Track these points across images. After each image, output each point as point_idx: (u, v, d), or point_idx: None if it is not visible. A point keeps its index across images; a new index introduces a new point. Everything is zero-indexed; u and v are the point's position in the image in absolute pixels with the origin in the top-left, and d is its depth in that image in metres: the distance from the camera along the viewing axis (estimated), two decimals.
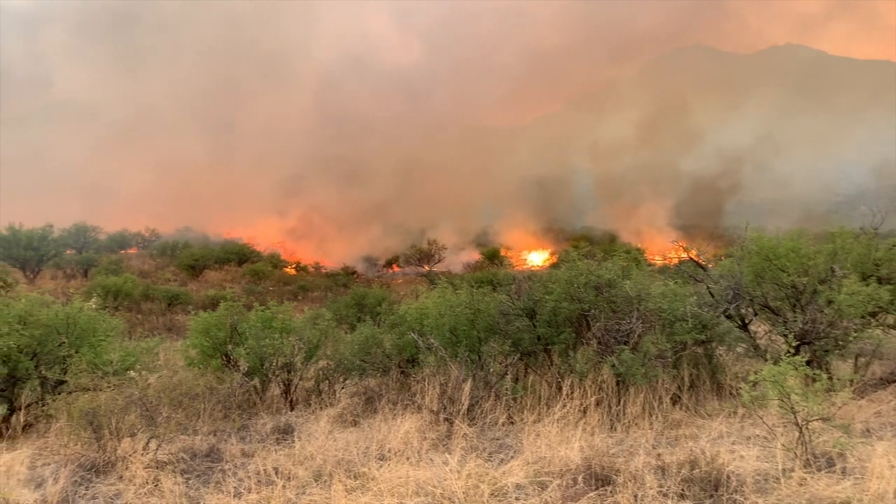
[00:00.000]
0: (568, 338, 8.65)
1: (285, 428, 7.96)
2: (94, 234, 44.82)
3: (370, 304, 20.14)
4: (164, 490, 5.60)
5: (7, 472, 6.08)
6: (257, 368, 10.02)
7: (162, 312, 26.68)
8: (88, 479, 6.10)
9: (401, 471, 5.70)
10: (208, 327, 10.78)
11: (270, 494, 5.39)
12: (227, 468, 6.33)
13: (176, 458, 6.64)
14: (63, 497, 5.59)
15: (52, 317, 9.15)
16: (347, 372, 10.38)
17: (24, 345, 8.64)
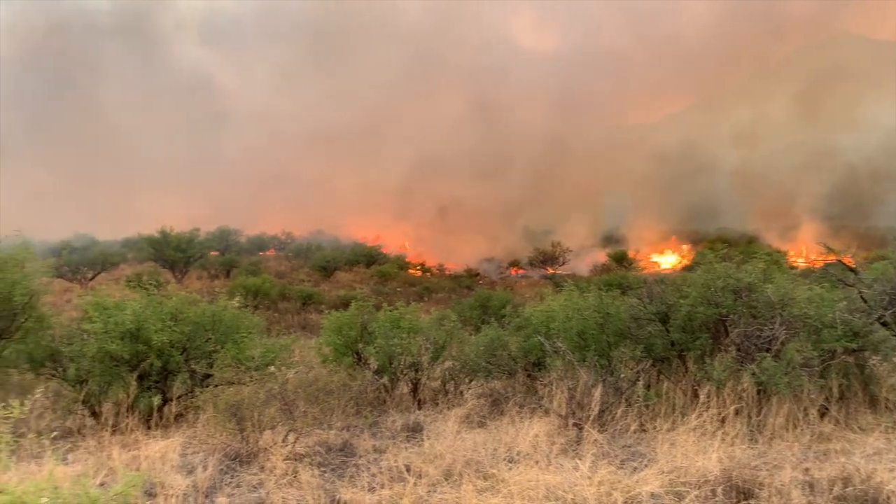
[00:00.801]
0: (704, 344, 8.28)
1: (414, 426, 8.10)
2: (235, 238, 47.69)
3: (494, 307, 20.19)
4: (302, 482, 5.84)
5: (162, 458, 6.53)
6: (386, 367, 10.27)
7: (296, 311, 27.95)
8: (233, 468, 6.47)
9: (530, 474, 5.65)
10: (341, 326, 11.18)
11: (402, 491, 5.50)
12: (361, 463, 6.52)
13: (312, 451, 6.91)
14: (211, 484, 5.95)
15: (200, 314, 9.77)
16: (473, 373, 10.44)
17: (175, 340, 9.26)
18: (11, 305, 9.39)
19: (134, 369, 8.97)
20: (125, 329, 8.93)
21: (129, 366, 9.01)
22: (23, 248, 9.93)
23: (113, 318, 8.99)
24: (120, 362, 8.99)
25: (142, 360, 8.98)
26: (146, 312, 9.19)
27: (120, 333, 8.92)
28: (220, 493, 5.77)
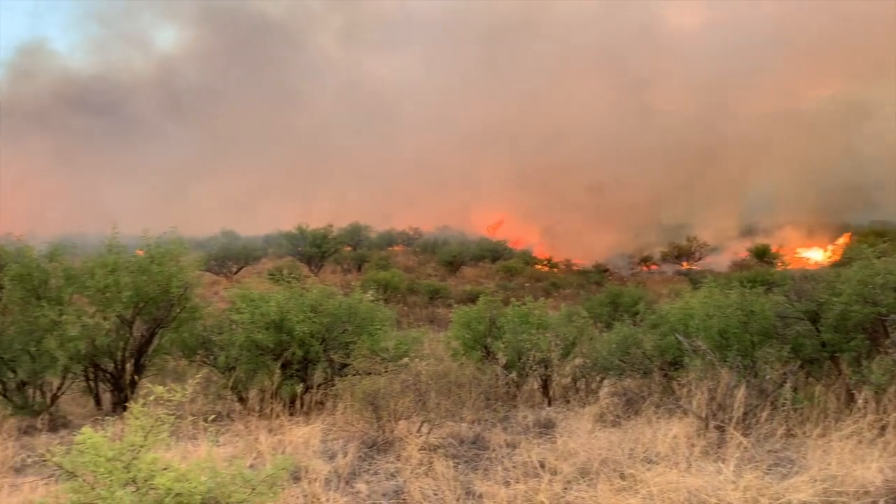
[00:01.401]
0: (860, 345, 7.68)
1: (546, 423, 8.04)
2: (366, 233, 49.27)
3: (625, 303, 19.70)
4: (437, 473, 5.93)
5: (305, 444, 6.85)
6: (514, 362, 10.25)
7: (424, 305, 28.52)
8: (371, 456, 6.67)
9: (670, 476, 5.46)
10: (469, 321, 11.28)
11: (537, 487, 5.46)
12: (493, 457, 6.55)
13: (445, 442, 7.01)
14: (351, 470, 6.17)
15: (337, 306, 10.15)
16: (605, 371, 10.22)
17: (315, 331, 9.68)
18: (168, 297, 10.13)
19: (277, 358, 9.45)
20: (270, 320, 9.43)
21: (273, 354, 9.52)
22: (177, 244, 10.68)
23: (259, 310, 9.51)
24: (265, 351, 9.51)
25: (285, 350, 9.45)
26: (288, 304, 9.66)
27: (265, 324, 9.43)
28: (360, 480, 5.97)
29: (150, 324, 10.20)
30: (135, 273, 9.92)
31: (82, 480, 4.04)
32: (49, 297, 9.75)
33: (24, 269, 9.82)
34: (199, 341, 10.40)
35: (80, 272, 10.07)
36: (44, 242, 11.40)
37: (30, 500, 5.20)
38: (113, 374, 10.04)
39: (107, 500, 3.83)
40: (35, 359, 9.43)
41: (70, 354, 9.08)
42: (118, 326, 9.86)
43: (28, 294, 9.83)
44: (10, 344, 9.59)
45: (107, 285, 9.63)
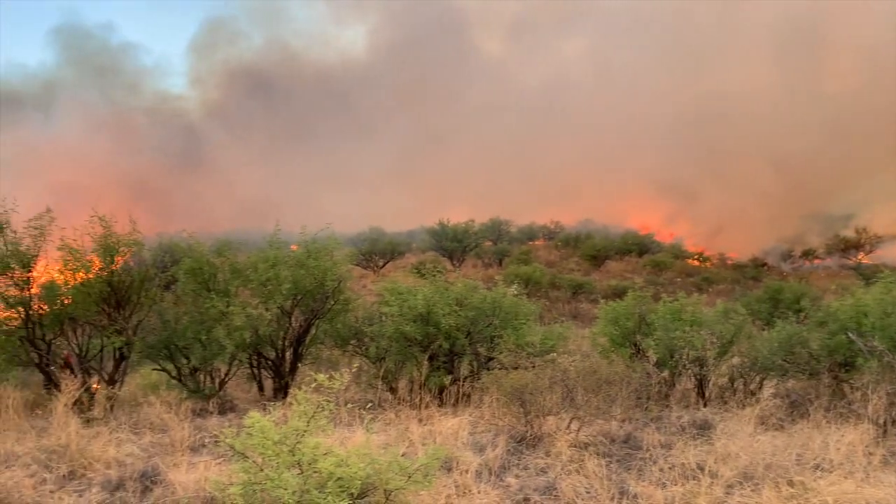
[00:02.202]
0: None
1: (702, 423, 7.67)
2: (506, 228, 49.29)
3: (786, 300, 18.45)
4: (589, 470, 5.81)
5: (454, 435, 6.93)
6: (666, 360, 9.86)
7: (567, 300, 28.12)
8: (519, 451, 6.65)
9: (845, 486, 5.03)
10: (617, 316, 10.97)
11: (696, 489, 5.22)
12: (647, 457, 6.32)
13: (595, 440, 6.85)
14: (501, 464, 6.18)
15: (481, 300, 10.21)
16: (765, 371, 9.61)
17: (460, 324, 9.79)
18: (323, 290, 10.61)
19: (425, 350, 9.65)
20: (417, 313, 9.64)
21: (420, 346, 9.73)
22: (332, 240, 11.16)
23: (406, 303, 9.76)
24: (413, 343, 9.74)
25: (432, 342, 9.63)
26: (434, 298, 9.84)
27: (413, 316, 9.66)
28: (509, 474, 5.96)
29: (308, 315, 10.74)
30: (293, 267, 10.48)
31: (252, 462, 4.29)
32: (217, 290, 10.49)
33: (196, 264, 10.62)
34: (351, 332, 10.83)
35: (245, 266, 10.75)
36: (213, 238, 12.31)
37: (205, 478, 5.60)
38: (274, 361, 10.65)
39: (274, 482, 4.04)
40: (205, 346, 10.19)
41: (236, 343, 9.73)
42: (278, 317, 10.45)
43: (199, 287, 10.63)
44: (184, 333, 10.42)
45: (268, 278, 10.23)
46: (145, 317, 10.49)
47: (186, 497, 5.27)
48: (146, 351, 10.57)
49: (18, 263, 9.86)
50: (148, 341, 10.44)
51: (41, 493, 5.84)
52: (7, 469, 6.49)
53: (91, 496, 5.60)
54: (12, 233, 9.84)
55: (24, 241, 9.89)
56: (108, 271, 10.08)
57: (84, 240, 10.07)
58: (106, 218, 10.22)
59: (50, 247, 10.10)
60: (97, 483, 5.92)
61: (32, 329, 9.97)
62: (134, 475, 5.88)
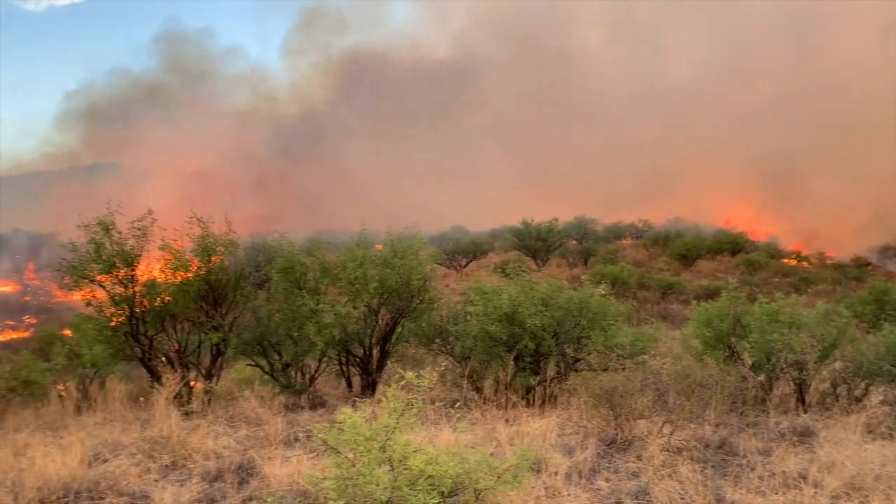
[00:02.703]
0: None
1: (803, 430, 7.31)
2: (592, 226, 48.53)
3: (894, 301, 17.40)
4: (682, 476, 5.63)
5: (541, 436, 6.86)
6: (763, 363, 9.45)
7: (656, 301, 27.43)
8: (609, 454, 6.52)
9: None
10: (710, 318, 10.59)
11: (798, 499, 4.98)
12: (744, 464, 6.08)
13: (688, 445, 6.64)
14: (591, 467, 6.07)
15: (568, 301, 10.07)
16: (872, 377, 9.08)
17: (546, 324, 9.69)
18: (409, 288, 10.73)
19: (510, 350, 9.60)
20: (502, 312, 9.60)
21: (506, 346, 9.68)
22: (417, 239, 11.27)
23: (491, 303, 9.73)
24: (498, 343, 9.70)
25: (517, 342, 9.57)
26: (520, 297, 9.77)
27: (498, 316, 9.62)
28: (600, 477, 5.85)
29: (394, 313, 10.88)
30: (380, 266, 10.64)
31: (343, 457, 4.37)
32: (308, 288, 10.77)
33: (288, 263, 10.93)
34: (436, 331, 10.90)
35: (334, 266, 10.99)
36: (303, 238, 12.65)
37: (298, 472, 5.75)
38: (362, 358, 10.84)
39: (366, 477, 4.10)
40: (297, 343, 10.48)
41: (326, 340, 9.96)
42: (366, 315, 10.63)
43: (291, 285, 10.93)
44: (277, 329, 10.74)
45: (356, 277, 10.42)
46: (240, 314, 10.88)
47: (281, 490, 5.41)
48: (241, 347, 10.96)
49: (123, 263, 10.39)
50: (242, 338, 10.82)
51: (146, 481, 6.13)
52: (115, 458, 6.86)
53: (192, 486, 5.83)
54: (117, 233, 10.38)
55: (129, 241, 10.42)
56: (205, 270, 10.50)
57: (183, 240, 10.53)
58: (203, 219, 10.66)
59: (152, 247, 10.62)
60: (197, 474, 6.17)
61: (136, 325, 10.49)
62: (231, 467, 6.09)
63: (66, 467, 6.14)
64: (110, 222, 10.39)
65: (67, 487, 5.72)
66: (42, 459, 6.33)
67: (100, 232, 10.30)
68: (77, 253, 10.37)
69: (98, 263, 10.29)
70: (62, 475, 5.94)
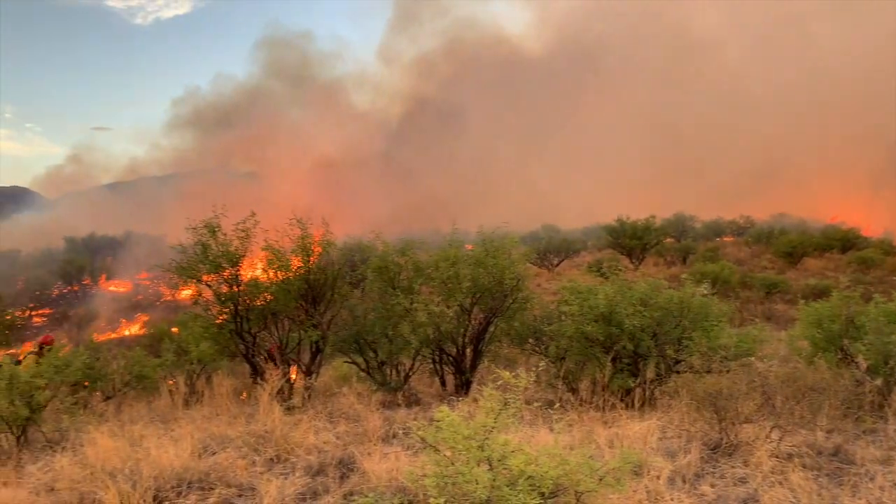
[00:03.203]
0: None
1: None
2: (690, 224, 47.01)
3: None
4: (794, 484, 5.35)
5: (642, 439, 6.68)
6: (880, 367, 8.87)
7: (759, 301, 26.30)
8: (714, 459, 6.27)
9: None
10: (820, 318, 10.05)
11: None
12: (862, 472, 5.72)
13: (799, 451, 6.31)
14: (695, 471, 5.86)
15: (668, 300, 9.77)
16: None
17: (645, 325, 9.43)
18: (503, 288, 10.69)
19: (608, 351, 9.40)
20: (599, 312, 9.42)
21: (602, 347, 9.49)
22: (509, 238, 11.22)
23: (587, 302, 9.56)
24: (594, 343, 9.52)
25: (614, 343, 9.36)
26: (617, 297, 9.55)
27: (594, 316, 9.45)
28: (704, 482, 5.64)
29: (487, 312, 10.87)
30: (472, 266, 10.65)
31: (442, 455, 4.38)
32: (402, 287, 10.91)
33: (382, 263, 11.11)
34: (529, 331, 10.82)
35: (427, 265, 11.09)
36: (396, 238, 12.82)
37: (397, 468, 5.82)
38: (455, 357, 10.89)
39: (465, 476, 4.10)
40: (391, 341, 10.64)
41: (420, 338, 10.06)
42: (459, 314, 10.67)
43: (385, 284, 11.11)
44: (372, 328, 10.94)
45: (449, 277, 10.48)
46: (337, 312, 11.15)
47: (381, 486, 5.49)
48: (338, 344, 11.24)
49: (228, 263, 10.85)
50: (339, 335, 11.09)
51: (252, 473, 6.36)
52: (222, 450, 7.15)
53: (295, 479, 6.01)
54: (223, 235, 10.84)
55: (233, 242, 10.86)
56: (305, 270, 10.81)
57: (284, 241, 10.89)
58: (303, 221, 10.98)
59: (255, 247, 11.03)
60: (300, 468, 6.36)
61: (240, 323, 10.93)
62: (332, 462, 6.24)
63: (179, 458, 6.45)
64: (216, 224, 10.86)
65: (180, 478, 6.01)
66: (156, 450, 6.67)
67: (206, 234, 10.79)
68: (185, 254, 10.90)
69: (205, 264, 10.78)
70: (175, 466, 6.25)
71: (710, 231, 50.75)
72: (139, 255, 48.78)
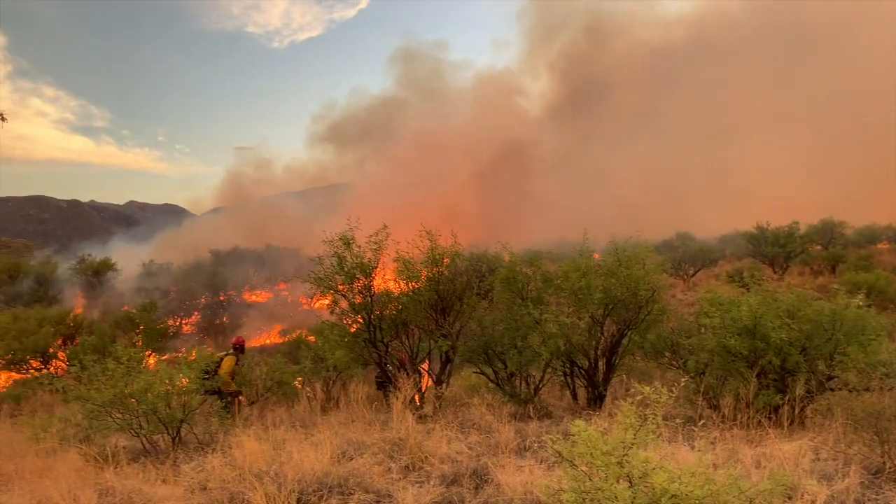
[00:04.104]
0: None
1: None
2: (839, 230, 43.72)
3: None
4: None
5: (792, 460, 6.24)
6: None
7: None
8: (876, 484, 5.75)
9: None
10: None
11: None
12: None
13: None
14: (855, 498, 5.40)
15: (818, 312, 9.11)
16: None
17: (793, 338, 8.84)
18: (637, 299, 10.36)
19: (752, 366, 8.89)
20: (742, 325, 8.92)
21: (746, 362, 8.98)
22: (643, 247, 10.87)
23: (729, 314, 9.08)
24: (737, 357, 9.03)
25: (759, 357, 8.83)
26: (761, 309, 9.02)
27: (737, 329, 8.96)
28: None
29: (620, 325, 10.57)
30: (604, 276, 10.40)
31: (579, 470, 4.27)
32: (531, 298, 10.82)
33: (510, 273, 11.07)
34: (666, 343, 10.41)
35: (556, 276, 10.95)
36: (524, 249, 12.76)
37: (530, 482, 5.75)
38: (587, 370, 10.65)
39: (604, 492, 3.97)
40: (521, 353, 10.55)
41: (551, 350, 9.91)
42: (590, 326, 10.43)
43: (513, 295, 11.06)
44: (501, 339, 10.91)
45: (580, 287, 10.28)
46: (466, 323, 11.21)
47: (516, 499, 5.43)
48: (467, 354, 11.29)
49: (362, 273, 11.18)
50: (468, 346, 11.14)
51: (388, 480, 6.49)
52: (359, 456, 7.35)
53: (431, 488, 6.06)
54: (357, 247, 11.19)
55: (367, 254, 11.19)
56: (435, 280, 10.96)
57: (414, 252, 11.09)
58: (432, 232, 11.15)
59: (387, 258, 11.31)
60: (434, 476, 6.41)
61: (373, 332, 11.22)
62: (466, 472, 6.25)
63: (319, 462, 6.68)
64: (350, 237, 11.24)
65: (321, 482, 6.22)
66: (298, 454, 6.95)
67: (341, 246, 11.19)
68: (322, 265, 11.35)
69: (340, 275, 11.17)
70: (316, 470, 6.47)
71: (863, 238, 47.02)
72: (278, 267, 51.37)
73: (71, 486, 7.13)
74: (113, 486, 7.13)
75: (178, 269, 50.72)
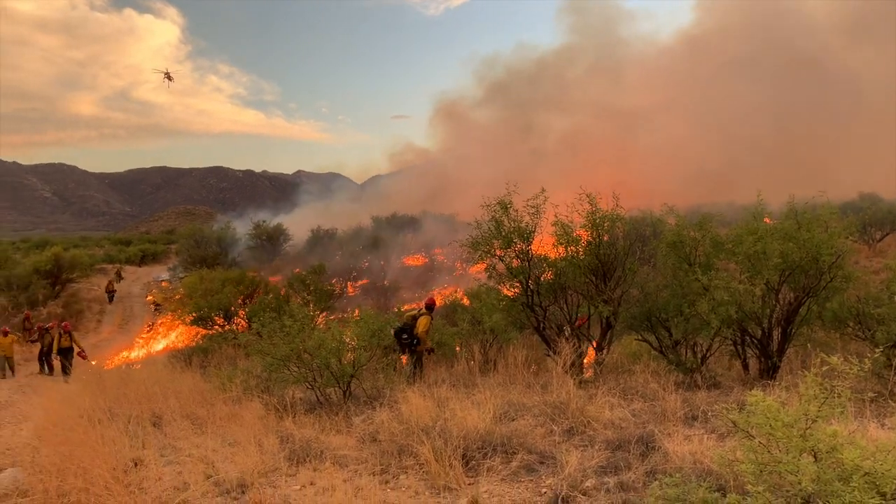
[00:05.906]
0: None
1: None
2: None
3: None
4: None
5: None
6: None
7: None
8: None
9: None
10: None
11: None
12: None
13: None
14: None
15: None
16: None
17: None
18: (818, 265, 9.60)
19: None
20: None
21: None
22: (827, 209, 10.02)
23: None
24: None
25: None
26: None
27: None
28: None
29: (798, 292, 9.86)
30: (781, 240, 9.71)
31: (757, 442, 4.05)
32: (699, 264, 10.32)
33: (677, 237, 10.61)
34: (850, 313, 9.60)
35: (727, 240, 10.36)
36: (691, 212, 12.17)
37: (700, 451, 5.54)
38: (760, 340, 10.06)
39: (787, 466, 3.75)
40: (687, 320, 10.12)
41: (721, 318, 9.43)
42: (765, 293, 9.81)
43: (680, 260, 10.60)
44: (665, 306, 10.52)
45: (755, 252, 9.67)
46: (627, 289, 10.92)
47: (685, 467, 5.26)
48: (628, 321, 11.00)
49: (520, 238, 11.18)
50: (630, 312, 10.85)
51: (550, 442, 6.51)
52: (520, 417, 7.42)
53: (595, 452, 6.01)
54: (514, 212, 11.19)
55: (525, 218, 11.16)
56: (595, 245, 10.75)
57: (574, 216, 10.92)
58: (593, 195, 10.91)
59: (545, 223, 11.22)
60: (599, 441, 6.34)
61: (531, 297, 11.22)
62: (631, 439, 6.12)
63: (482, 421, 6.82)
64: (508, 202, 11.24)
65: (484, 440, 6.35)
66: (461, 412, 7.13)
67: (500, 210, 11.23)
68: (480, 230, 11.46)
69: (498, 239, 11.24)
70: (479, 428, 6.62)
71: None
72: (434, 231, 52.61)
73: (256, 431, 7.77)
74: (292, 433, 7.69)
75: (343, 235, 53.32)
